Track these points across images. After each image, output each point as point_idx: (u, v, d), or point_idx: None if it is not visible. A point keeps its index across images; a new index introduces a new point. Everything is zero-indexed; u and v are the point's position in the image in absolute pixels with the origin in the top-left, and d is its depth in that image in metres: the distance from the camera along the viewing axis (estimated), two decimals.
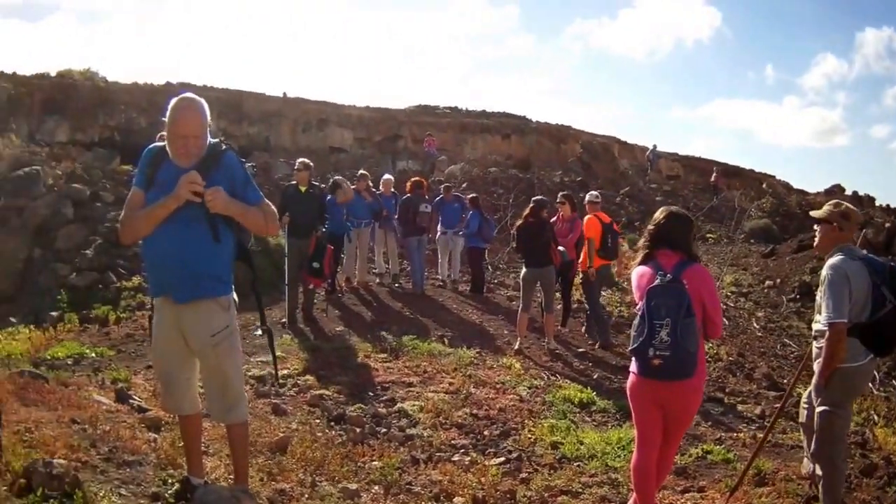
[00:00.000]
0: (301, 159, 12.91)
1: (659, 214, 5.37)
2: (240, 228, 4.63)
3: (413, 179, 16.46)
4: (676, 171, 47.67)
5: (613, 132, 60.86)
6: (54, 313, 14.70)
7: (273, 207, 4.71)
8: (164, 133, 4.45)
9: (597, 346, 12.53)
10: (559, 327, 13.23)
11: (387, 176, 17.22)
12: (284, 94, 37.25)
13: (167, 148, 4.47)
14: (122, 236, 4.70)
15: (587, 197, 13.43)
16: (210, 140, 4.52)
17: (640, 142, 48.01)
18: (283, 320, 12.25)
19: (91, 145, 28.48)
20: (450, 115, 42.01)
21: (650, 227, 5.36)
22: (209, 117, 4.49)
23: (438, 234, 16.43)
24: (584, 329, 13.57)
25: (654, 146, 44.49)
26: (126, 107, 31.24)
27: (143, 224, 4.43)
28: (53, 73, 30.59)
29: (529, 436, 7.78)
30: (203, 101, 4.48)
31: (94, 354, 10.44)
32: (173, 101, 4.45)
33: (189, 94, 4.50)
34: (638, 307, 5.12)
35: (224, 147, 4.59)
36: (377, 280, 16.43)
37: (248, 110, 34.93)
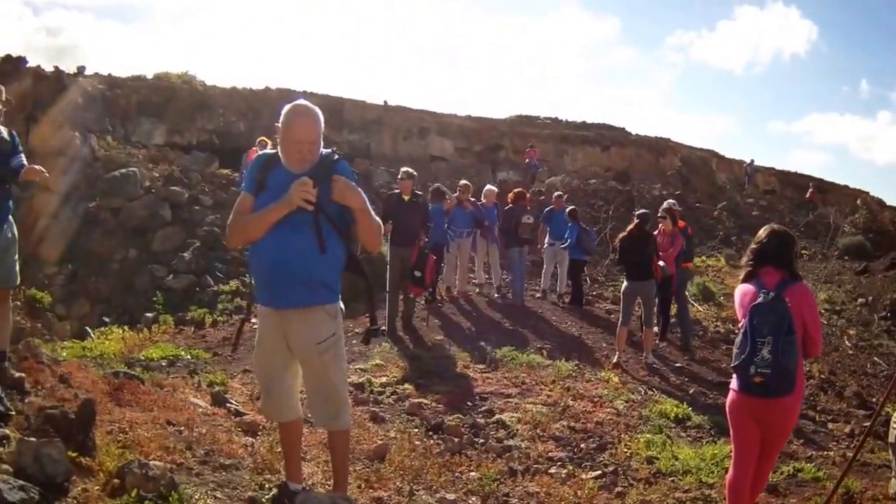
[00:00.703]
0: (405, 168, 13.00)
1: (762, 233, 5.41)
2: (348, 237, 4.59)
3: (516, 191, 16.37)
4: (773, 185, 46.62)
5: (712, 145, 60.26)
6: (149, 314, 14.83)
7: (378, 220, 4.66)
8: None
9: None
10: (657, 341, 13.19)
11: (489, 187, 17.15)
12: (385, 102, 37.23)
13: (279, 153, 4.50)
14: (229, 240, 4.78)
15: (664, 204, 13.84)
16: (323, 150, 4.52)
17: (737, 155, 47.27)
18: (383, 327, 12.13)
19: (189, 148, 28.61)
20: (550, 126, 41.68)
21: (753, 245, 5.42)
22: (323, 125, 4.50)
23: (546, 244, 16.28)
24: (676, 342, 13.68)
25: (752, 160, 43.97)
26: (224, 111, 31.32)
27: (254, 228, 4.42)
28: (150, 76, 30.76)
29: (625, 450, 7.80)
30: (318, 109, 4.48)
31: (189, 357, 10.54)
32: (288, 107, 4.45)
33: (304, 102, 4.50)
34: (741, 325, 5.16)
35: (336, 156, 4.58)
36: (477, 290, 16.35)
37: (348, 117, 34.91)
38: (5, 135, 6.75)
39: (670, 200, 13.95)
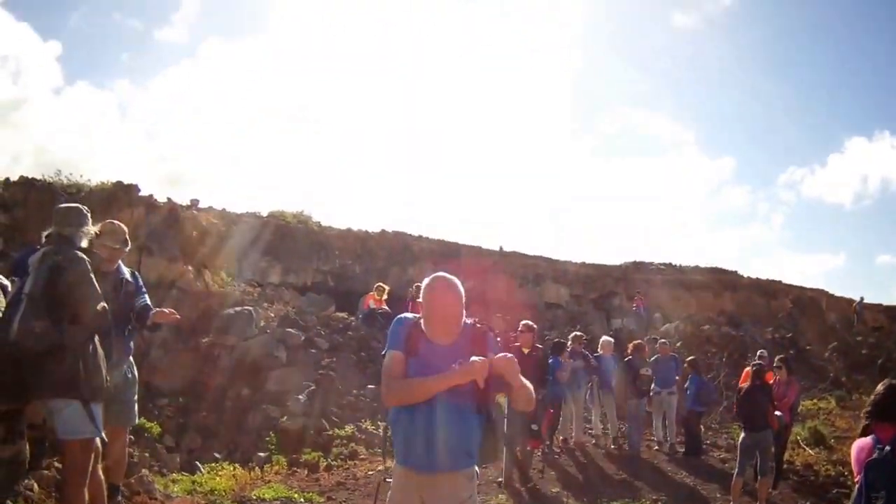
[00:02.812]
0: (525, 321, 13.27)
1: (880, 387, 5.33)
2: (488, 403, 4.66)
3: (635, 342, 16.39)
4: (881, 322, 45.38)
5: (822, 282, 59.69)
6: (262, 454, 14.79)
7: (530, 385, 4.73)
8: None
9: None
10: (771, 490, 12.81)
11: (605, 338, 17.31)
12: (501, 248, 37.53)
13: (422, 324, 4.61)
14: (387, 399, 4.76)
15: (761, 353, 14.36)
16: (466, 319, 4.63)
17: (847, 293, 46.61)
18: (500, 479, 12.13)
19: (304, 288, 28.95)
20: (664, 272, 41.52)
21: (871, 398, 5.35)
22: (464, 296, 4.60)
23: (652, 392, 16.03)
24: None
25: (861, 298, 43.40)
26: (339, 252, 31.82)
27: (419, 393, 4.48)
28: (264, 213, 31.47)
29: None
30: (458, 282, 4.62)
31: (302, 499, 10.56)
32: (430, 281, 4.64)
33: (445, 275, 4.66)
34: (857, 479, 5.05)
35: (480, 326, 4.69)
36: (593, 441, 16.21)
37: (463, 263, 35.14)
38: (128, 276, 7.00)
39: (762, 351, 13.70)
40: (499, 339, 5.54)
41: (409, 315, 4.80)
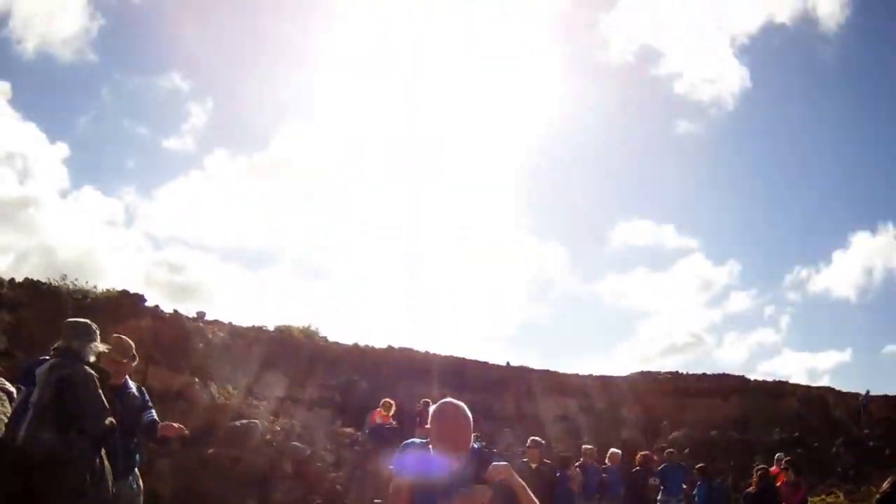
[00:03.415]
0: (533, 437, 13.45)
1: (886, 484, 5.53)
2: None
3: (643, 454, 16.54)
4: (887, 413, 45.17)
5: (829, 380, 59.68)
6: None
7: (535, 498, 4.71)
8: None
9: None
10: None
11: (613, 450, 17.21)
12: (508, 362, 37.60)
13: (430, 448, 4.64)
14: None
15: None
16: (474, 444, 4.70)
17: (853, 387, 46.53)
18: None
19: (310, 403, 28.84)
20: (671, 381, 41.53)
21: (878, 495, 5.58)
22: (472, 421, 4.66)
23: (660, 501, 15.92)
24: None
25: (867, 391, 42.88)
26: (346, 367, 31.83)
27: None
28: (272, 327, 31.51)
29: None
30: (465, 407, 4.68)
31: None
32: (438, 406, 4.71)
33: (453, 402, 4.74)
34: None
35: (487, 451, 4.78)
36: None
37: (470, 378, 35.12)
38: (135, 390, 7.09)
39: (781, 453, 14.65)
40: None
41: (416, 440, 4.88)
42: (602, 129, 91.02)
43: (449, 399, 4.77)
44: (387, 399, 19.45)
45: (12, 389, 6.46)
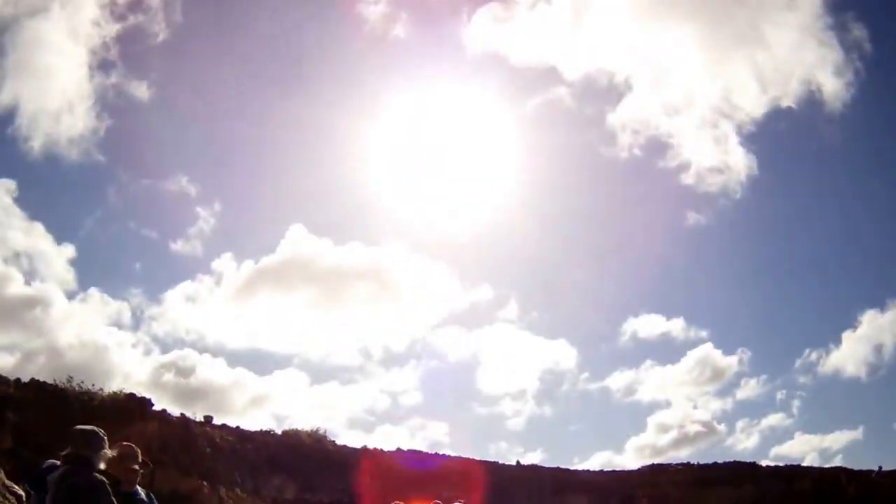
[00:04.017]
0: None
1: None
2: None
3: None
4: None
5: (840, 460, 58.87)
6: None
7: None
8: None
9: None
10: None
11: None
12: (518, 462, 37.74)
13: None
14: None
15: None
16: None
17: (865, 465, 46.30)
18: None
19: None
20: (683, 472, 41.69)
21: None
22: None
23: None
24: None
25: (880, 467, 43.49)
26: (356, 470, 31.86)
27: None
28: (279, 431, 31.73)
29: None
30: None
31: None
32: None
33: None
34: None
35: None
36: None
37: (481, 478, 35.15)
38: (143, 496, 7.51)
39: None
40: None
41: None
42: (611, 225, 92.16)
43: (460, 501, 5.13)
44: (397, 500, 19.85)
45: (21, 493, 6.74)
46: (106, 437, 6.52)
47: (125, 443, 7.20)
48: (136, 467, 7.14)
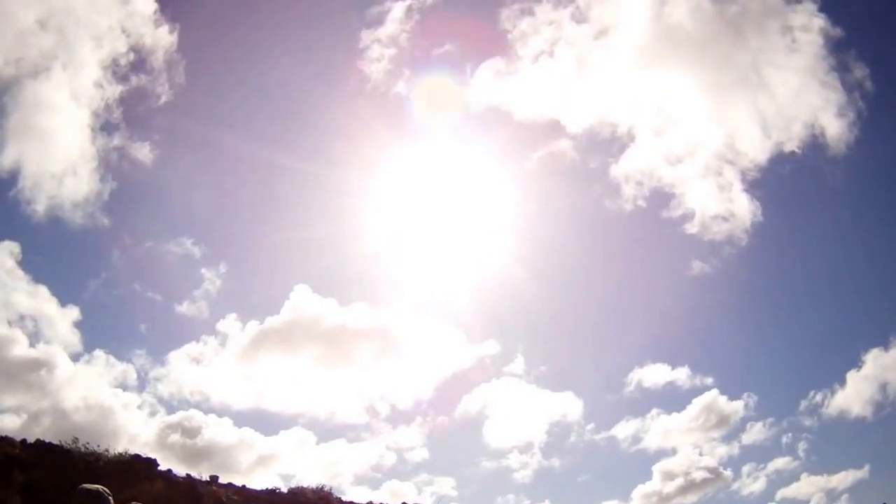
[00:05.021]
0: None
1: None
2: None
3: None
4: None
5: (846, 500, 58.81)
6: None
7: None
8: None
9: None
10: None
11: None
12: None
13: None
14: None
15: None
16: None
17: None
18: None
19: None
20: None
21: None
22: None
23: None
24: None
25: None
26: None
27: None
28: (285, 489, 31.49)
29: None
30: None
31: None
32: None
33: None
34: None
35: None
36: None
37: None
38: None
39: None
40: None
41: None
42: (616, 277, 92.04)
43: None
44: None
45: None
46: (111, 497, 6.56)
47: (133, 503, 7.17)
48: None
